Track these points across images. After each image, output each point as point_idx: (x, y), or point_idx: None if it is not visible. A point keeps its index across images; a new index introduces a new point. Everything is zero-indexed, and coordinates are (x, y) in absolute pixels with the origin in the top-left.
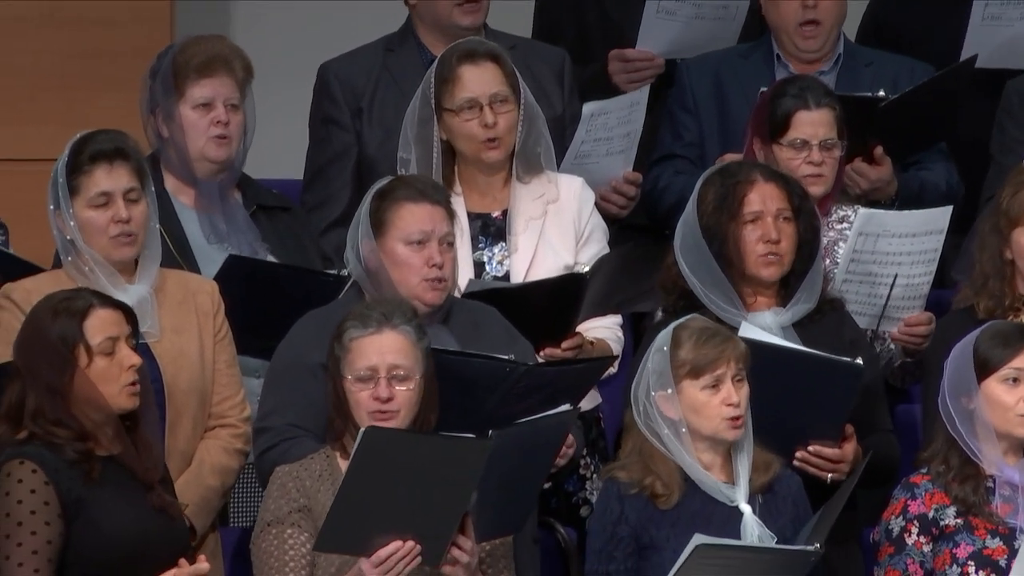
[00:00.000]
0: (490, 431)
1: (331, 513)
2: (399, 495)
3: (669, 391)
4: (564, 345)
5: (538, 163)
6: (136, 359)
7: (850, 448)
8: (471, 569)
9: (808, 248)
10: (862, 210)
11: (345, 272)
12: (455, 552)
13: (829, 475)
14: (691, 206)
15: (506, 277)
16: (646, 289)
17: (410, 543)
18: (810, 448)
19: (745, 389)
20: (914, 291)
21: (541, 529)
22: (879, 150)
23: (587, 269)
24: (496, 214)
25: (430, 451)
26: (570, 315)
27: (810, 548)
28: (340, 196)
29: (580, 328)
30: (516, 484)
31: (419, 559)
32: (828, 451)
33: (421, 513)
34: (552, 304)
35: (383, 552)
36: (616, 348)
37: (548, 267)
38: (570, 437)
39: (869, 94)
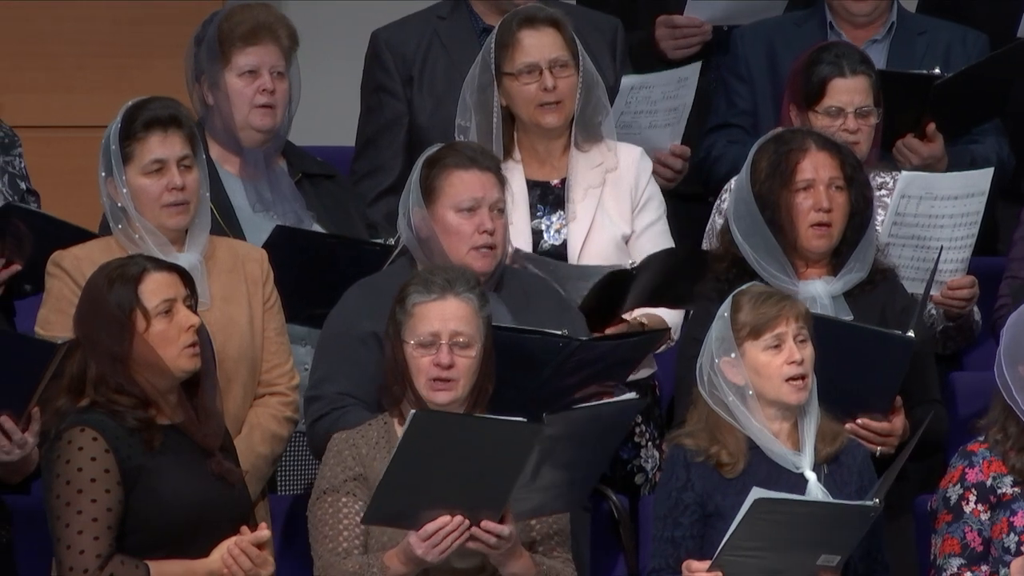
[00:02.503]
0: (544, 414)
1: (379, 489)
2: (448, 473)
3: (733, 355)
4: (609, 332)
5: (598, 132)
6: (195, 319)
7: (899, 422)
8: (511, 543)
9: (860, 218)
10: (905, 172)
11: (391, 241)
12: (488, 527)
13: (878, 448)
14: (744, 173)
15: (563, 246)
16: (688, 292)
17: (459, 518)
18: (859, 421)
19: (809, 350)
20: (956, 254)
21: (593, 496)
22: (931, 127)
23: (634, 264)
24: (555, 182)
25: (480, 433)
26: (614, 308)
27: (869, 503)
28: (391, 165)
29: None
30: (576, 465)
31: (468, 534)
32: (877, 424)
33: (470, 491)
34: (597, 302)
35: (431, 526)
36: (671, 321)
37: (605, 237)
38: None
39: (924, 71)
